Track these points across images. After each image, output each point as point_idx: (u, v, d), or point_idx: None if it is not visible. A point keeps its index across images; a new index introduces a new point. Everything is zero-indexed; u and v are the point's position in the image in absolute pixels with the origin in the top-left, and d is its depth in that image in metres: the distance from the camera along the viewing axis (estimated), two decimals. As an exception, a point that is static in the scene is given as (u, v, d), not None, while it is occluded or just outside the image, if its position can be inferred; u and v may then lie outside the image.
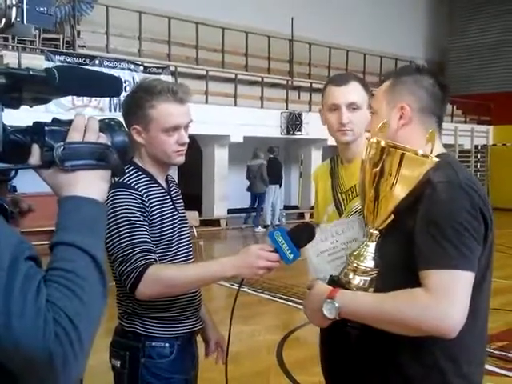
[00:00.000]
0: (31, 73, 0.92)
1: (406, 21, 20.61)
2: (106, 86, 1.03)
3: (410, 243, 1.45)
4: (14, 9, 0.93)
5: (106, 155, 0.97)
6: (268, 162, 13.46)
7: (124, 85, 11.12)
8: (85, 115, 0.99)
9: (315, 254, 1.98)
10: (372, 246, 1.56)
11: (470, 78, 21.27)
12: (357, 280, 1.54)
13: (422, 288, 1.38)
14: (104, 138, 0.99)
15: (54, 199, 0.97)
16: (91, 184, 0.95)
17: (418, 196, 1.47)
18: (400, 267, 1.49)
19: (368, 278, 1.53)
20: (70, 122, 0.97)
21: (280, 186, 14.02)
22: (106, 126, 1.02)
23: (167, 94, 1.91)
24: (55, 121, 0.98)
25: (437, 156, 1.53)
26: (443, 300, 1.35)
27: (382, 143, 1.49)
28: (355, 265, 1.55)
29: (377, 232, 1.55)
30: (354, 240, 1.92)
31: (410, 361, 1.52)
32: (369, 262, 1.54)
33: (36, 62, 9.76)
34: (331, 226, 2.03)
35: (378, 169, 1.49)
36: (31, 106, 1.01)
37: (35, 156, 0.95)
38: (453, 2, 22.39)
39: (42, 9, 0.95)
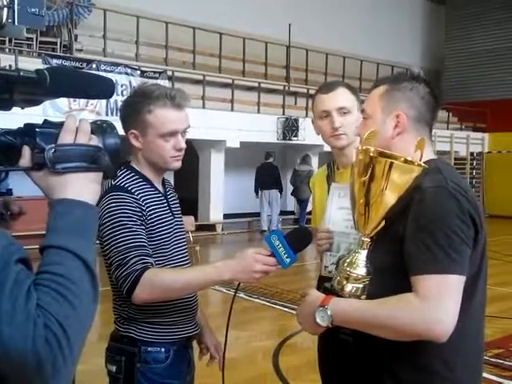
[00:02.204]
0: (22, 74, 0.91)
1: (402, 28, 20.69)
2: (99, 88, 1.01)
3: (401, 249, 1.46)
4: (5, 10, 0.92)
5: (98, 157, 0.95)
6: (267, 168, 13.47)
7: (121, 89, 11.12)
8: (76, 117, 0.98)
9: (336, 207, 1.98)
10: (363, 254, 1.56)
11: (466, 85, 21.33)
12: (349, 287, 1.54)
13: (413, 293, 1.39)
14: (95, 140, 0.97)
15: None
16: (82, 186, 0.94)
17: (407, 202, 1.47)
18: (391, 273, 1.50)
19: (360, 286, 1.54)
20: (61, 124, 0.96)
21: (281, 191, 14.01)
22: (98, 127, 1.00)
23: (165, 99, 1.90)
24: (46, 123, 0.96)
25: (426, 162, 1.53)
26: (434, 304, 1.36)
27: (371, 151, 1.49)
28: (347, 272, 1.55)
29: (368, 239, 1.56)
30: None
31: (405, 366, 1.52)
32: (361, 270, 1.54)
33: (33, 65, 9.73)
34: None
35: (367, 177, 1.49)
36: (23, 108, 0.99)
37: (26, 158, 0.94)
38: (450, 10, 22.47)
39: (33, 10, 0.93)
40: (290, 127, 14.35)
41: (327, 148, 2.18)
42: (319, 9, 17.90)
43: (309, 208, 13.50)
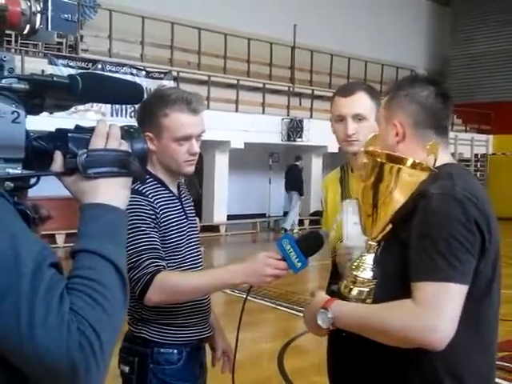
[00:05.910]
0: (55, 79, 0.92)
1: (407, 30, 20.68)
2: (128, 94, 1.02)
3: (406, 254, 1.44)
4: (39, 15, 0.93)
5: (128, 162, 0.97)
6: (291, 170, 13.83)
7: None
8: (106, 122, 0.99)
9: (351, 223, 1.94)
10: (370, 258, 1.56)
11: (471, 87, 21.31)
12: (355, 291, 1.54)
13: (411, 300, 1.38)
14: (125, 145, 0.98)
15: (54, 204, 0.96)
16: (113, 191, 0.95)
17: (413, 207, 1.46)
18: (396, 278, 1.49)
19: (366, 289, 1.54)
20: (92, 129, 0.97)
21: (300, 194, 14.22)
22: (126, 133, 1.02)
23: (181, 104, 1.91)
24: (78, 128, 0.98)
25: (440, 167, 1.51)
26: (430, 312, 1.35)
27: (378, 154, 1.49)
28: (354, 276, 1.55)
29: (375, 243, 1.56)
30: None
31: (411, 372, 1.50)
32: (367, 273, 1.54)
33: (39, 65, 9.74)
34: None
35: (374, 180, 1.49)
36: (51, 113, 1.01)
37: (58, 163, 0.95)
38: (455, 11, 22.45)
39: (66, 16, 0.95)
40: (294, 128, 14.35)
41: (331, 149, 2.19)
42: (324, 10, 17.90)
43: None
